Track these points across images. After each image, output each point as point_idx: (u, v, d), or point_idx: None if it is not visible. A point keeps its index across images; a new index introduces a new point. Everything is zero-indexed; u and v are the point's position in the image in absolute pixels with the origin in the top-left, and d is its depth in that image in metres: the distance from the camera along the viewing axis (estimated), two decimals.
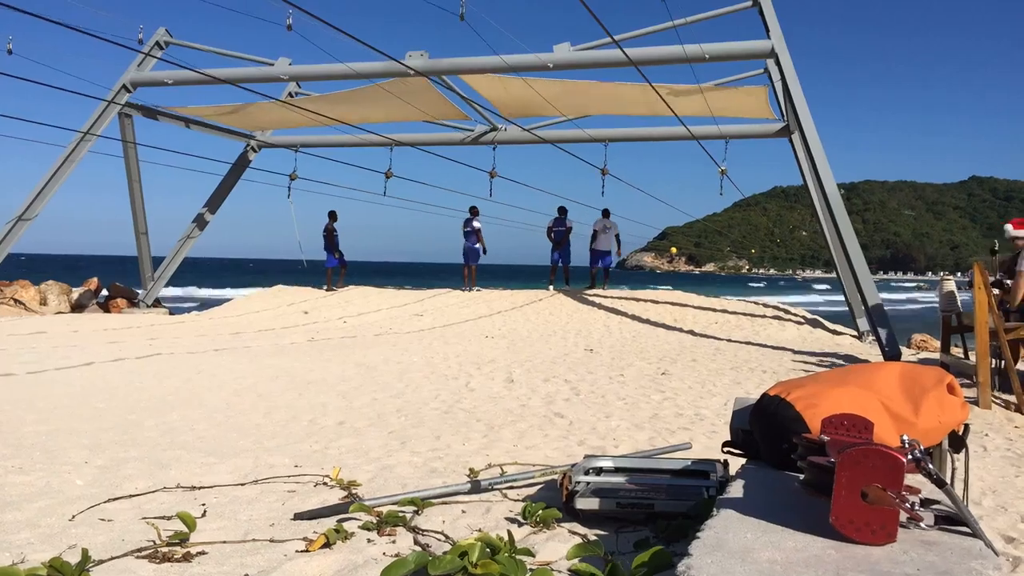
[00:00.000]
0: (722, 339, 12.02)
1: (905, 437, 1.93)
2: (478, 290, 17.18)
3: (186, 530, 2.91)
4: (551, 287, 17.21)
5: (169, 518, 3.14)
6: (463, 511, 3.36)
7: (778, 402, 2.51)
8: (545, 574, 2.46)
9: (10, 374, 7.20)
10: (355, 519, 3.15)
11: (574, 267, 17.88)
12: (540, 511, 3.12)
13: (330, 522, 3.08)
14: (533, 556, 2.71)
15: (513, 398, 6.50)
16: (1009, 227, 7.99)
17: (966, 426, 2.56)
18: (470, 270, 17.64)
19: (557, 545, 2.85)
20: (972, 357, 7.64)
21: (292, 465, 4.14)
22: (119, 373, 7.47)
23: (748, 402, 2.81)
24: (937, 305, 9.28)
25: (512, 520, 3.20)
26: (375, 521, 3.11)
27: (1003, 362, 7.23)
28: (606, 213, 17.15)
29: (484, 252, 17.63)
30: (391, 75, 12.76)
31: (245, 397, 6.26)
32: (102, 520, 3.15)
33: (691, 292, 17.10)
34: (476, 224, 17.40)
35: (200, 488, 3.65)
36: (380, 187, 16.92)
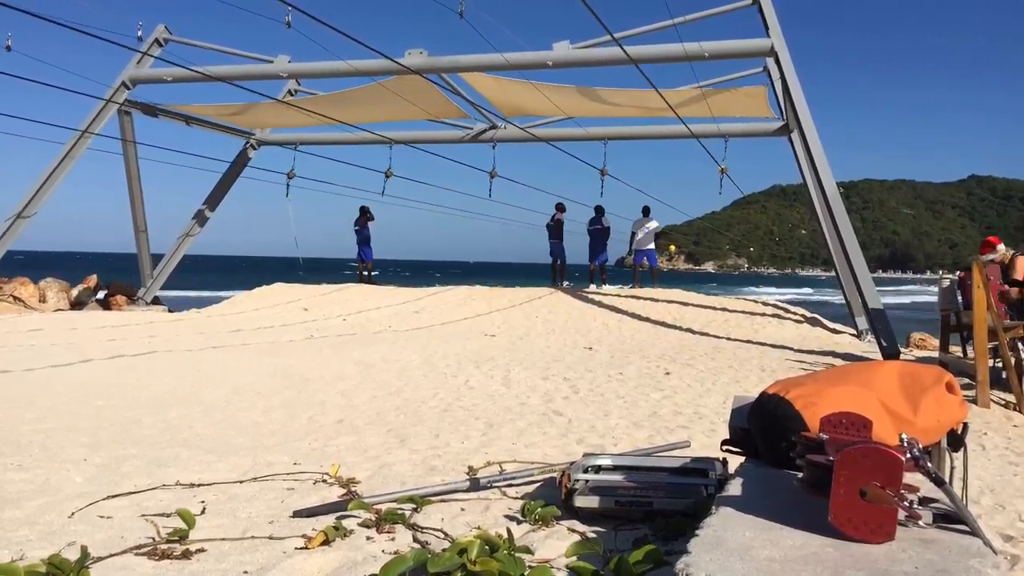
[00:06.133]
0: (721, 337, 12.03)
1: (904, 436, 1.93)
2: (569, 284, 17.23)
3: (185, 527, 2.91)
4: (592, 285, 17.20)
5: (168, 515, 3.15)
6: (462, 509, 3.36)
7: (777, 400, 2.51)
8: (544, 572, 2.47)
9: (9, 372, 7.19)
10: (354, 517, 3.15)
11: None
12: (539, 509, 3.12)
13: (329, 520, 3.08)
14: (532, 554, 2.72)
15: (512, 396, 6.51)
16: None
17: (965, 425, 2.56)
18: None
19: (556, 543, 2.85)
20: (971, 355, 7.65)
21: (291, 463, 4.14)
22: (118, 371, 7.47)
23: (747, 400, 2.81)
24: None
25: (511, 518, 3.20)
26: (374, 519, 3.12)
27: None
28: (646, 211, 17.08)
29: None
30: (390, 73, 12.76)
31: (244, 395, 6.26)
32: (101, 517, 3.16)
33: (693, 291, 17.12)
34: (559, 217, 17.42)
35: (199, 486, 3.65)
36: (379, 185, 16.95)
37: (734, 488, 2.29)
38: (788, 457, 2.32)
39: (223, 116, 16.61)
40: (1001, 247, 8.45)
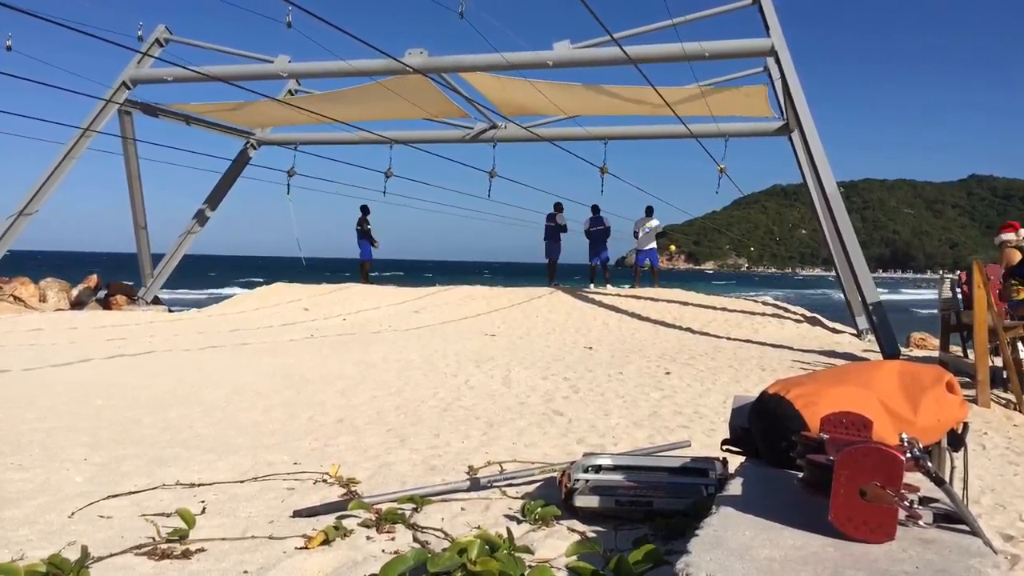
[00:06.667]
0: (721, 337, 12.03)
1: (904, 435, 1.93)
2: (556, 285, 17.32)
3: (185, 527, 2.91)
4: (592, 285, 17.27)
5: (168, 515, 3.14)
6: (462, 508, 3.36)
7: (777, 400, 2.51)
8: (544, 572, 2.46)
9: (9, 372, 7.19)
10: (354, 516, 3.15)
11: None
12: (539, 509, 3.12)
13: (329, 519, 3.08)
14: (532, 553, 2.72)
15: (512, 396, 6.50)
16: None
17: (965, 424, 2.56)
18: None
19: (556, 542, 2.85)
20: (971, 355, 7.65)
21: (291, 462, 4.14)
22: (118, 371, 7.47)
23: (747, 400, 2.81)
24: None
25: (511, 518, 3.20)
26: (374, 518, 3.12)
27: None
28: (649, 211, 17.16)
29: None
30: (390, 73, 12.77)
31: (244, 394, 6.26)
32: (101, 517, 3.16)
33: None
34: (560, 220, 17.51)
35: (199, 485, 3.65)
36: (380, 184, 16.98)
37: (734, 488, 2.29)
38: (788, 457, 2.32)
39: (223, 111, 16.58)
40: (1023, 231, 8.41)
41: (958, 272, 9.01)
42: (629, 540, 2.85)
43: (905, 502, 1.80)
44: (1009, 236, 8.44)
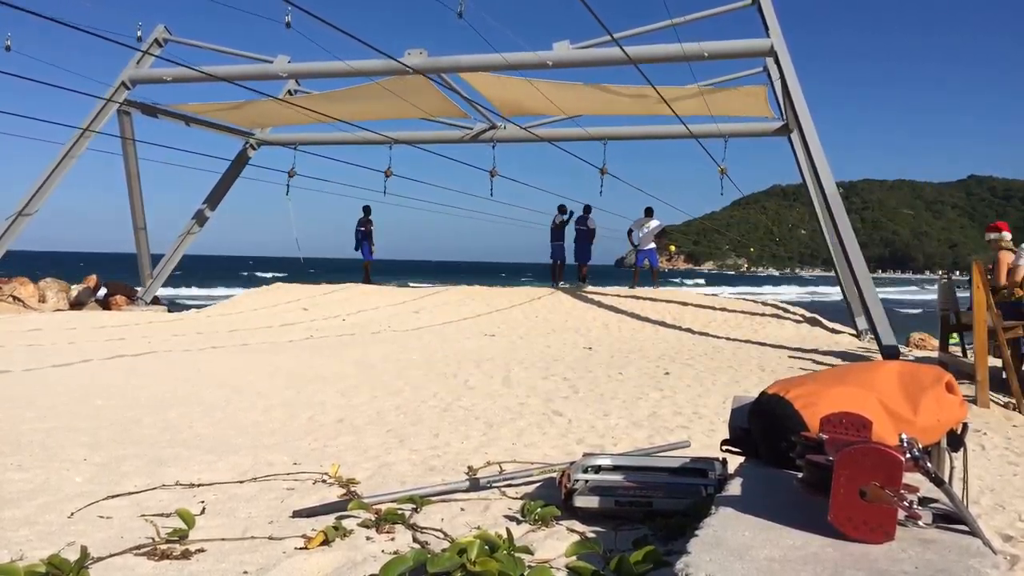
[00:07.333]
0: (721, 337, 12.03)
1: (903, 435, 1.93)
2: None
3: (185, 527, 2.91)
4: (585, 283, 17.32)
5: (168, 515, 3.14)
6: (462, 509, 3.36)
7: (777, 400, 2.51)
8: (544, 572, 2.47)
9: (9, 372, 7.19)
10: (354, 517, 3.15)
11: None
12: (539, 509, 3.12)
13: (329, 520, 3.08)
14: (532, 554, 2.72)
15: (512, 396, 6.50)
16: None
17: (964, 425, 2.56)
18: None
19: (556, 543, 2.86)
20: (971, 356, 7.65)
21: (291, 463, 4.14)
22: (117, 371, 7.47)
23: (747, 400, 2.81)
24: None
25: (511, 518, 3.20)
26: (374, 519, 3.12)
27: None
28: (648, 212, 17.15)
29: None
30: (390, 73, 12.77)
31: (244, 395, 6.26)
32: (101, 517, 3.16)
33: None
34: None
35: (199, 486, 3.65)
36: (380, 184, 17.00)
37: (734, 488, 2.29)
38: (788, 457, 2.32)
39: (222, 111, 16.58)
40: (1006, 234, 8.34)
41: (959, 272, 9.01)
42: (629, 540, 2.85)
43: (905, 502, 1.80)
44: (993, 235, 8.37)
